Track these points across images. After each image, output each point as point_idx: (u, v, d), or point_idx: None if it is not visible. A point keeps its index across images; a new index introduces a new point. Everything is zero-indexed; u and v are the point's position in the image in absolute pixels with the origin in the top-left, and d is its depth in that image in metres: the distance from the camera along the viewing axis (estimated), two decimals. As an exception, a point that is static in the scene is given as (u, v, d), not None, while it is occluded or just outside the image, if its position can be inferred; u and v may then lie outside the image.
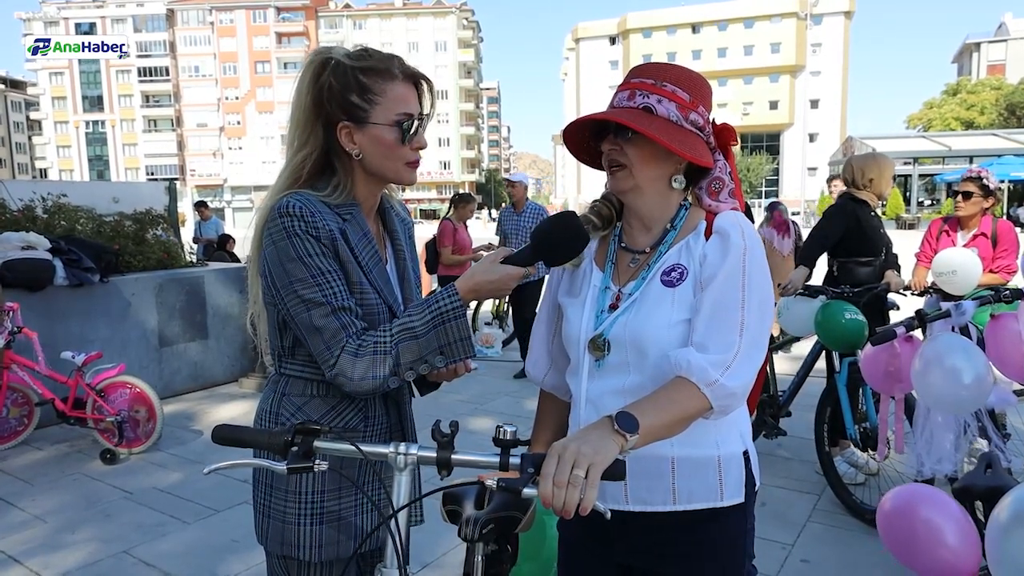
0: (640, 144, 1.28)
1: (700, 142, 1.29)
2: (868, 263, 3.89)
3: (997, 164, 26.16)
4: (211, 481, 3.91)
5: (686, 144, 1.26)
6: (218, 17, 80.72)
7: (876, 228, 3.94)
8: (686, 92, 1.28)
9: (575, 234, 1.32)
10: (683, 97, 1.28)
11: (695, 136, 1.28)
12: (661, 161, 1.30)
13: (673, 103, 1.27)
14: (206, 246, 10.93)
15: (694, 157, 1.26)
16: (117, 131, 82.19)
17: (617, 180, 1.33)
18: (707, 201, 1.35)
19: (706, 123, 1.31)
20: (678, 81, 1.28)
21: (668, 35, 76.59)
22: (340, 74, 1.34)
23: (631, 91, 1.30)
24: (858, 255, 3.88)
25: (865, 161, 3.94)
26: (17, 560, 3.17)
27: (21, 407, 4.65)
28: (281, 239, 1.31)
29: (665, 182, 1.33)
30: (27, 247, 4.96)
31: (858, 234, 3.86)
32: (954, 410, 2.47)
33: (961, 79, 63.75)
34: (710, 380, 1.17)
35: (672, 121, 1.26)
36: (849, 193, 3.94)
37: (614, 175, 1.33)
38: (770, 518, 3.39)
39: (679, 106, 1.27)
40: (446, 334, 1.31)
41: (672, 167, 1.32)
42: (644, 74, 1.31)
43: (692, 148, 1.26)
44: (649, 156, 1.29)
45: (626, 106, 1.29)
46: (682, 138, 1.26)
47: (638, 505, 1.31)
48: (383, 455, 1.18)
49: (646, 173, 1.31)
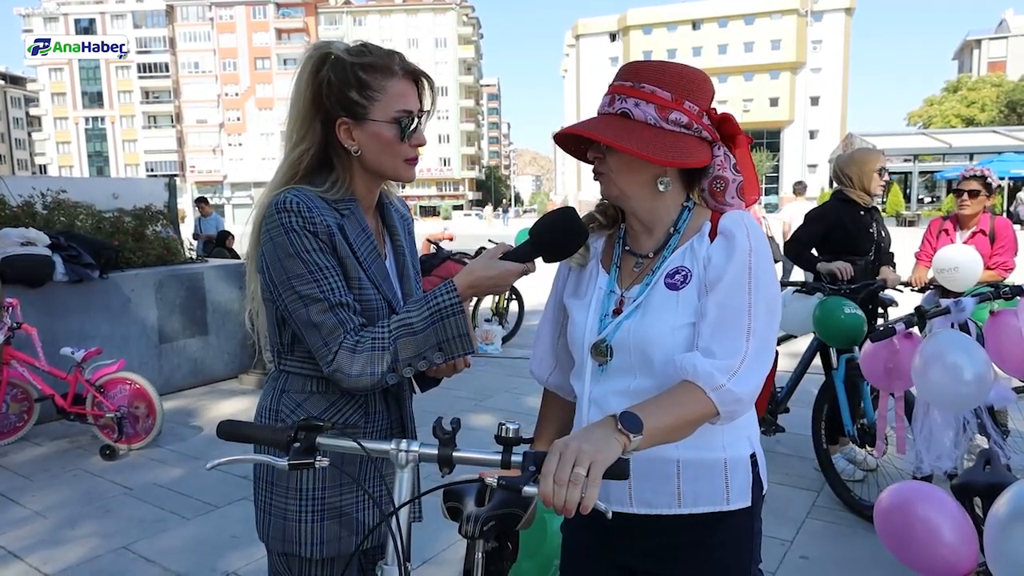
0: (617, 153, 1.26)
1: (687, 140, 1.24)
2: (851, 262, 3.85)
3: (997, 161, 26.12)
4: (211, 477, 3.91)
5: (665, 147, 1.21)
6: (218, 13, 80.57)
7: (864, 227, 3.89)
8: (667, 91, 1.23)
9: (574, 230, 1.31)
10: (663, 96, 1.23)
11: (678, 135, 1.23)
12: (640, 168, 1.27)
13: (652, 104, 1.22)
14: (206, 242, 10.93)
15: (672, 161, 1.22)
16: (117, 127, 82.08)
17: (603, 188, 1.32)
18: (712, 203, 1.32)
19: (695, 118, 1.24)
20: (658, 80, 1.23)
21: (668, 32, 76.43)
22: (339, 70, 1.33)
23: (612, 96, 1.28)
24: (843, 253, 3.87)
25: (844, 160, 3.95)
26: (17, 556, 3.17)
27: (21, 403, 4.65)
28: (279, 235, 1.31)
29: (651, 187, 1.29)
30: (27, 243, 4.95)
31: (842, 233, 3.86)
32: (955, 407, 2.48)
33: (962, 76, 63.67)
34: (717, 385, 1.15)
35: (650, 124, 1.22)
36: (840, 192, 3.96)
37: (600, 183, 1.32)
38: (769, 515, 3.37)
39: (658, 107, 1.22)
40: (444, 330, 1.31)
41: (657, 170, 1.28)
42: (624, 76, 1.27)
43: (673, 150, 1.22)
44: (627, 164, 1.27)
45: (605, 112, 1.27)
46: (661, 141, 1.22)
47: (642, 507, 1.30)
48: (385, 452, 1.18)
49: (626, 180, 1.28)
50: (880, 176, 3.83)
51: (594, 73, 79.21)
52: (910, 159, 34.94)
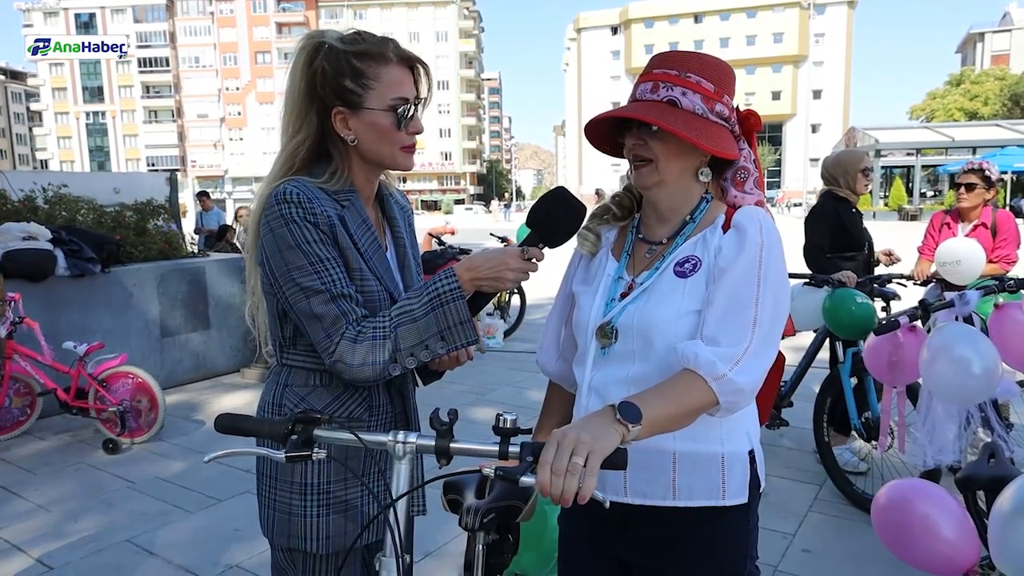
0: (665, 139, 1.26)
1: (726, 133, 1.27)
2: (852, 258, 3.91)
3: (1000, 155, 26.04)
4: (213, 470, 3.92)
5: (712, 137, 1.23)
6: (218, 7, 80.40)
7: (858, 223, 3.97)
8: (711, 82, 1.25)
9: (571, 206, 1.31)
10: (708, 88, 1.25)
11: (720, 127, 1.26)
12: (687, 155, 1.28)
13: (698, 95, 1.24)
14: (207, 237, 10.93)
15: (721, 151, 1.24)
16: (118, 122, 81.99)
17: (642, 175, 1.30)
18: (733, 192, 1.33)
19: (731, 112, 1.28)
20: (702, 71, 1.25)
21: (670, 25, 76.20)
22: (333, 59, 1.32)
23: (654, 83, 1.27)
24: (842, 251, 3.90)
25: (831, 161, 4.03)
26: (21, 549, 3.18)
27: (24, 397, 4.65)
28: (279, 226, 1.30)
29: (691, 175, 1.31)
30: (28, 237, 4.96)
31: (840, 231, 3.90)
32: (962, 400, 2.46)
33: (964, 69, 63.41)
34: (718, 374, 1.14)
35: (697, 114, 1.24)
36: (830, 191, 3.99)
37: (639, 170, 1.30)
38: (771, 508, 3.39)
39: (704, 98, 1.24)
40: (445, 317, 1.29)
41: (698, 160, 1.29)
42: (668, 64, 1.27)
43: (718, 141, 1.24)
44: (675, 151, 1.26)
45: (649, 99, 1.26)
46: (708, 131, 1.23)
47: (637, 498, 1.29)
48: (382, 443, 1.18)
49: (672, 167, 1.28)
50: (865, 176, 3.91)
51: (595, 67, 79.01)
52: (912, 153, 34.84)
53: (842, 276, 3.63)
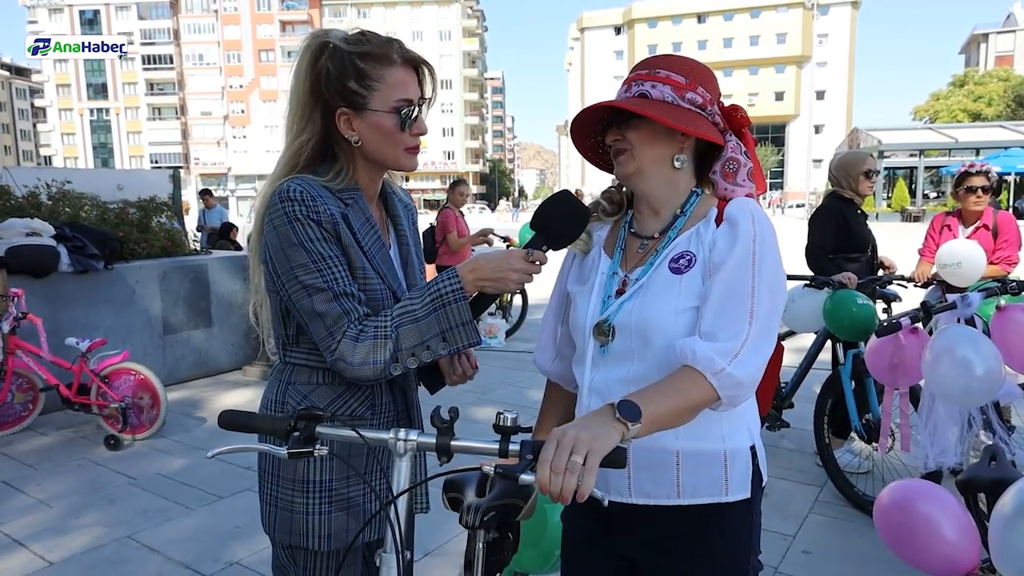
0: (639, 127, 1.29)
1: (701, 119, 1.29)
2: (856, 259, 3.90)
3: (1004, 156, 26.01)
4: (215, 467, 3.92)
5: (683, 120, 1.25)
6: (222, 5, 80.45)
7: (863, 225, 3.97)
8: (681, 75, 1.29)
9: (575, 209, 1.32)
10: (678, 80, 1.28)
11: (694, 114, 1.28)
12: (662, 141, 1.30)
13: (668, 86, 1.28)
14: (210, 234, 10.93)
15: (694, 131, 1.25)
16: (121, 119, 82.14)
17: (621, 166, 1.33)
18: (723, 184, 1.33)
19: (708, 102, 1.29)
20: (671, 67, 1.30)
21: (673, 25, 76.15)
22: (337, 60, 1.32)
23: (628, 84, 1.33)
24: (846, 251, 3.89)
25: (835, 163, 4.03)
26: (22, 544, 3.19)
27: (26, 393, 4.67)
28: (282, 224, 1.30)
29: (668, 163, 1.32)
30: (32, 233, 4.97)
31: (846, 232, 3.90)
32: (965, 402, 2.46)
33: (968, 70, 63.28)
34: (716, 369, 1.15)
35: (668, 102, 1.27)
36: (836, 192, 4.00)
37: (618, 162, 1.33)
38: (772, 509, 3.39)
39: (674, 88, 1.28)
40: (447, 317, 1.29)
41: (674, 147, 1.31)
42: (639, 67, 1.34)
43: (692, 124, 1.26)
44: (649, 137, 1.30)
45: (624, 98, 1.31)
46: (679, 115, 1.26)
47: (641, 498, 1.30)
48: (383, 441, 1.18)
49: (647, 154, 1.30)
50: (868, 178, 3.89)
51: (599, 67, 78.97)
52: (916, 154, 34.77)
53: (843, 278, 3.63)
